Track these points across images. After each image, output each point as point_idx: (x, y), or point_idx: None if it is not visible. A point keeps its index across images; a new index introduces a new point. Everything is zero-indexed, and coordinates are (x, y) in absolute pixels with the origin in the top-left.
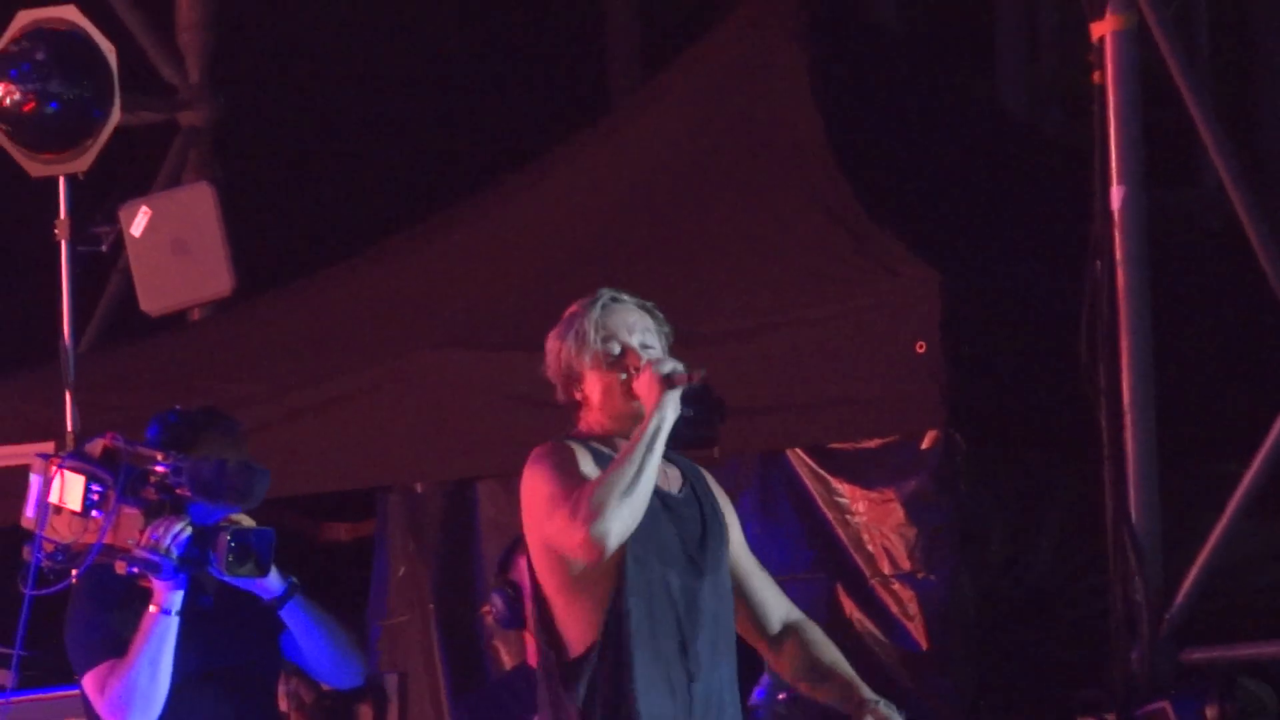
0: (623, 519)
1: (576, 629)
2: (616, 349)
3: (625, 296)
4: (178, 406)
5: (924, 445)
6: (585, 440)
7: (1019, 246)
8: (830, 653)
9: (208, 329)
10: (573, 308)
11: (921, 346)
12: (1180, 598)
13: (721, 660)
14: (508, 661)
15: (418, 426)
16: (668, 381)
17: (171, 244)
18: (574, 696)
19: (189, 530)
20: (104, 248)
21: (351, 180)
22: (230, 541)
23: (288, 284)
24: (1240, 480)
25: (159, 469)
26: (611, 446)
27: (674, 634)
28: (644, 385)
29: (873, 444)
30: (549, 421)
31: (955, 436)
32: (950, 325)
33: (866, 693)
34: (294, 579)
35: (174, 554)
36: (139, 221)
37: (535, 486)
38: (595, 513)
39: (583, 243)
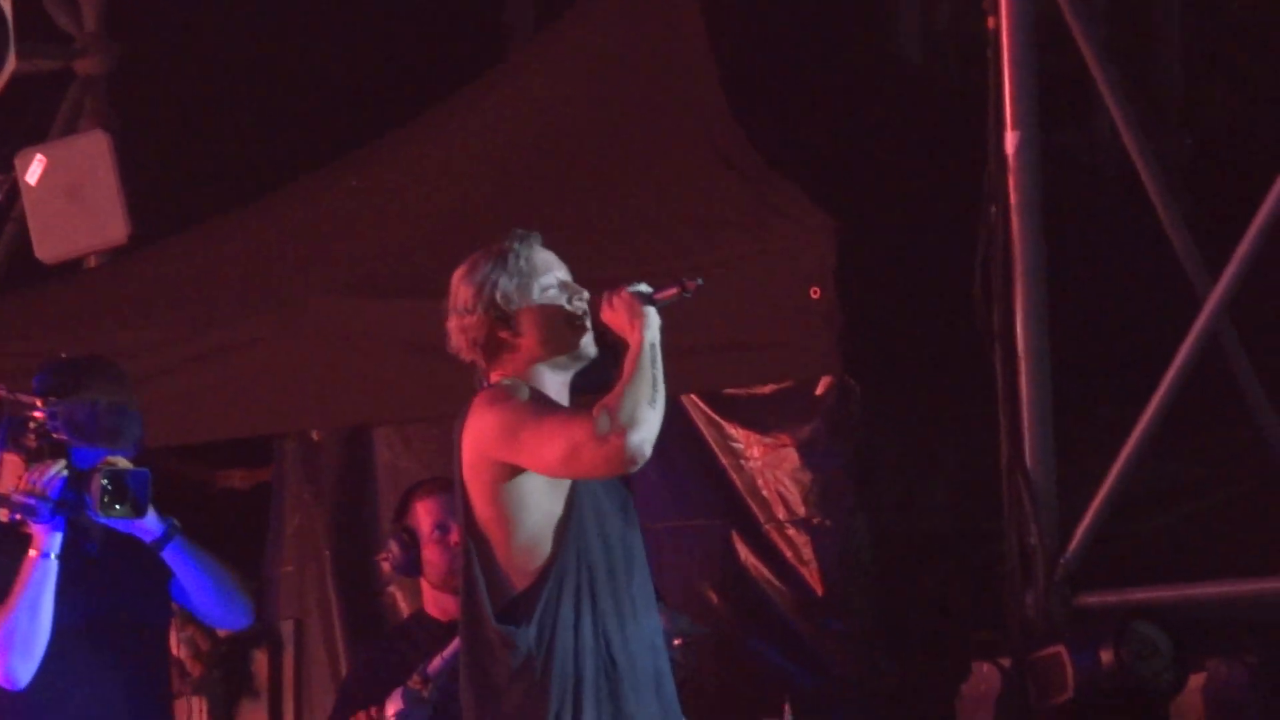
0: (654, 428)
1: (525, 566)
2: (554, 281)
3: (538, 235)
4: (63, 354)
5: (818, 391)
6: (518, 382)
7: (914, 193)
8: None
9: (103, 276)
10: (492, 248)
11: (816, 292)
12: (1075, 542)
13: (652, 607)
14: (404, 608)
15: (314, 373)
16: (645, 298)
17: (67, 191)
18: (520, 636)
19: (64, 473)
20: None
21: (248, 128)
22: (104, 483)
23: (184, 231)
24: (1135, 424)
25: (37, 415)
26: (537, 384)
27: (618, 576)
28: (617, 310)
29: (767, 389)
30: (445, 369)
31: (850, 382)
32: (845, 271)
33: None
34: (174, 520)
35: (50, 497)
36: (34, 169)
37: (508, 422)
38: (630, 424)
39: (478, 191)
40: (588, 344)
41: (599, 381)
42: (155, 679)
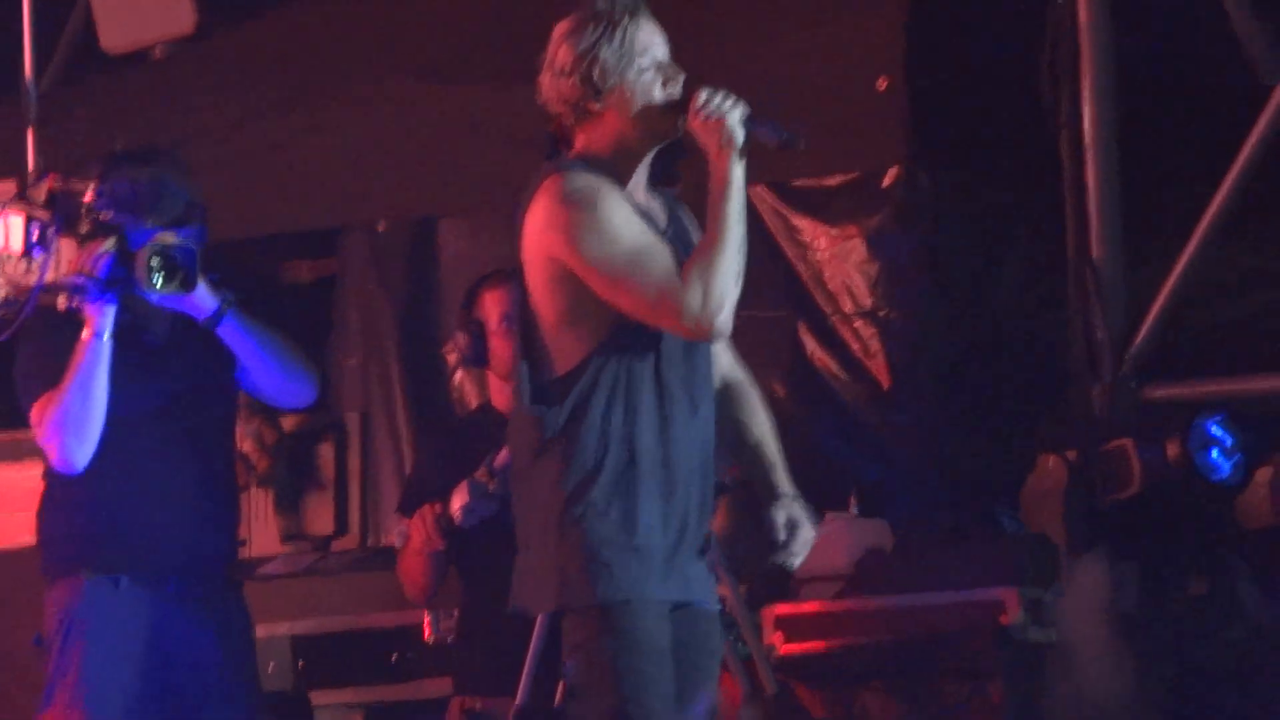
0: (736, 299)
1: (567, 350)
2: (651, 62)
3: (645, 7)
4: (118, 144)
5: (886, 182)
6: (591, 166)
7: None
8: (759, 427)
9: (168, 66)
10: (601, 13)
11: (883, 82)
12: (1142, 334)
13: (698, 411)
14: (470, 401)
15: (380, 162)
16: (746, 127)
17: None
18: (549, 417)
19: (112, 250)
20: None
21: None
22: (150, 259)
23: (249, 20)
24: (1204, 212)
25: (86, 198)
26: (617, 172)
27: (674, 367)
28: (709, 129)
29: (834, 180)
30: (514, 158)
31: (917, 172)
32: (912, 60)
33: (784, 485)
34: (229, 295)
35: (98, 275)
36: None
37: (587, 241)
38: (720, 308)
39: None
40: (675, 134)
41: (662, 173)
42: (220, 468)
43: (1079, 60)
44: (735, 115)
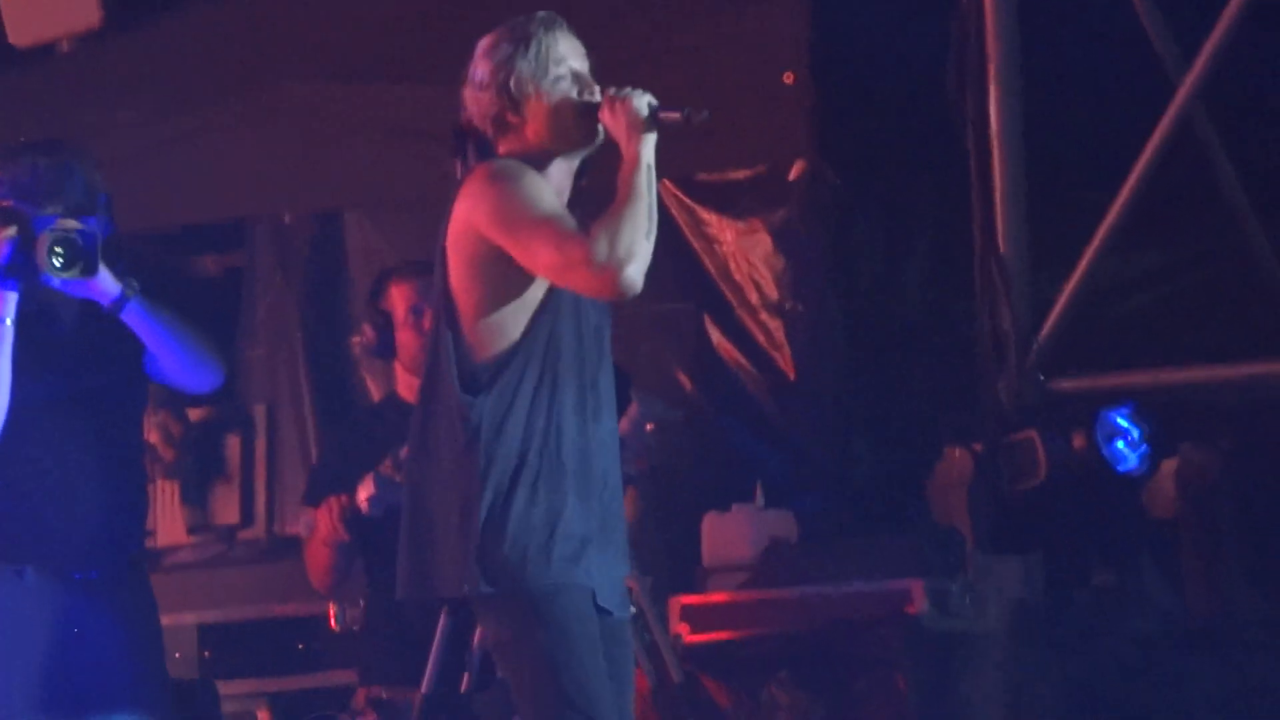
0: (647, 259)
1: (493, 338)
2: (566, 72)
3: (563, 21)
4: (22, 139)
5: (792, 175)
6: (522, 160)
7: None
8: None
9: (75, 60)
10: (517, 29)
11: (790, 76)
12: (1048, 326)
13: (613, 407)
14: (376, 392)
15: (286, 158)
16: (651, 113)
17: None
18: (474, 407)
19: (12, 235)
20: None
21: None
22: (51, 244)
23: (157, 15)
24: (1109, 209)
25: None
26: (541, 167)
27: (585, 368)
28: (617, 117)
29: (740, 174)
30: (418, 154)
31: (823, 166)
32: (818, 55)
33: None
34: (133, 281)
35: None
36: None
37: (507, 208)
38: (628, 258)
39: None
40: (593, 139)
41: None
42: (127, 456)
43: (985, 54)
44: (640, 98)
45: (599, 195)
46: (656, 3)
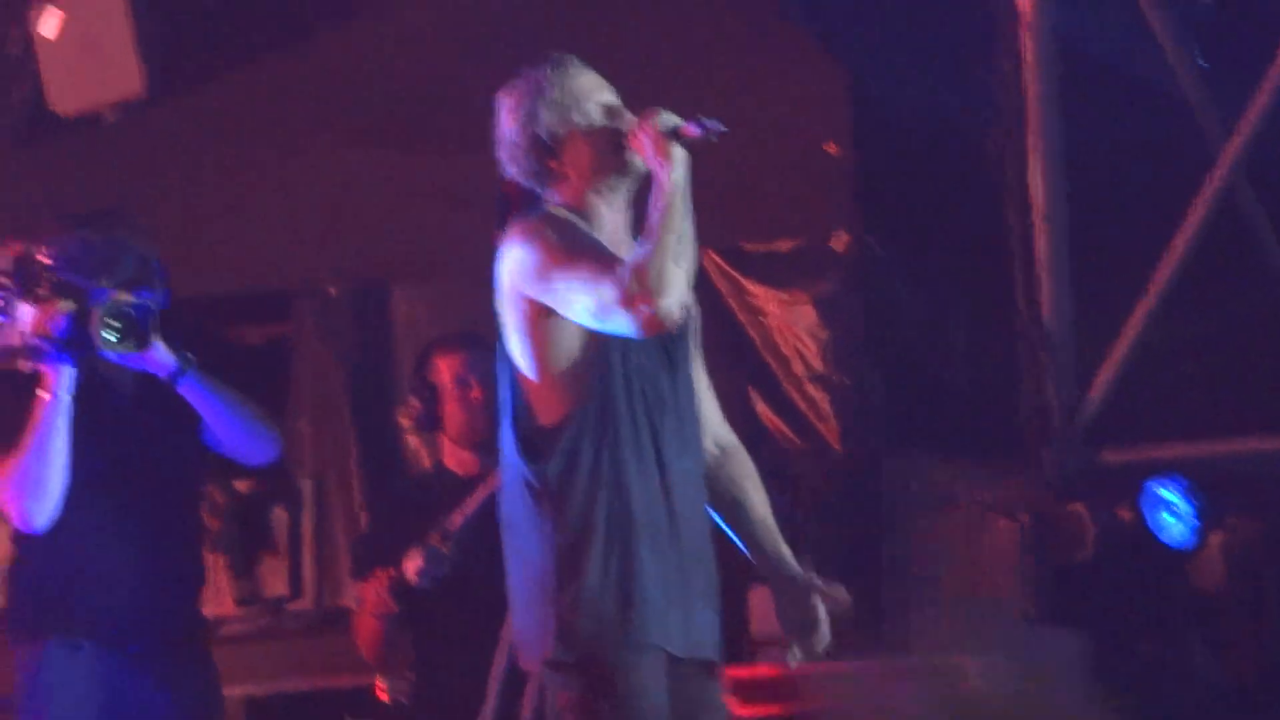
0: (682, 288)
1: (552, 403)
2: (598, 106)
3: (574, 59)
4: (74, 211)
5: (836, 247)
6: (567, 211)
7: (929, 45)
8: (760, 505)
9: (121, 129)
10: (528, 78)
11: (833, 147)
12: (1093, 396)
13: (690, 449)
14: (424, 463)
15: (330, 227)
16: (672, 133)
17: (80, 43)
18: (545, 469)
19: (68, 311)
20: (13, 50)
21: None
22: (105, 318)
23: (202, 84)
24: (1152, 277)
25: (42, 259)
26: (589, 218)
27: (652, 414)
28: (643, 144)
29: (784, 245)
30: (465, 221)
31: (867, 237)
32: (860, 126)
33: (792, 565)
34: (189, 354)
35: (55, 335)
36: (49, 22)
37: (540, 261)
38: (658, 289)
39: (490, 38)
40: (637, 163)
41: None
42: (185, 527)
43: (1026, 124)
44: (663, 117)
45: None
46: (698, 74)
